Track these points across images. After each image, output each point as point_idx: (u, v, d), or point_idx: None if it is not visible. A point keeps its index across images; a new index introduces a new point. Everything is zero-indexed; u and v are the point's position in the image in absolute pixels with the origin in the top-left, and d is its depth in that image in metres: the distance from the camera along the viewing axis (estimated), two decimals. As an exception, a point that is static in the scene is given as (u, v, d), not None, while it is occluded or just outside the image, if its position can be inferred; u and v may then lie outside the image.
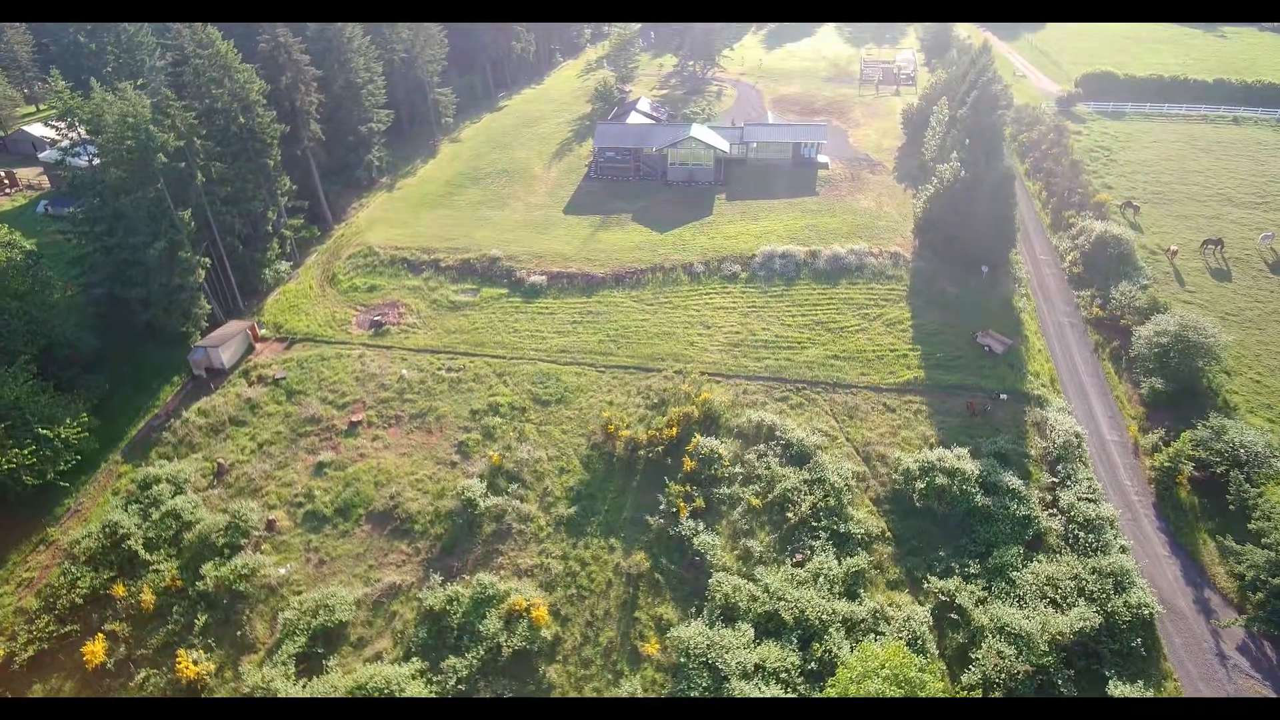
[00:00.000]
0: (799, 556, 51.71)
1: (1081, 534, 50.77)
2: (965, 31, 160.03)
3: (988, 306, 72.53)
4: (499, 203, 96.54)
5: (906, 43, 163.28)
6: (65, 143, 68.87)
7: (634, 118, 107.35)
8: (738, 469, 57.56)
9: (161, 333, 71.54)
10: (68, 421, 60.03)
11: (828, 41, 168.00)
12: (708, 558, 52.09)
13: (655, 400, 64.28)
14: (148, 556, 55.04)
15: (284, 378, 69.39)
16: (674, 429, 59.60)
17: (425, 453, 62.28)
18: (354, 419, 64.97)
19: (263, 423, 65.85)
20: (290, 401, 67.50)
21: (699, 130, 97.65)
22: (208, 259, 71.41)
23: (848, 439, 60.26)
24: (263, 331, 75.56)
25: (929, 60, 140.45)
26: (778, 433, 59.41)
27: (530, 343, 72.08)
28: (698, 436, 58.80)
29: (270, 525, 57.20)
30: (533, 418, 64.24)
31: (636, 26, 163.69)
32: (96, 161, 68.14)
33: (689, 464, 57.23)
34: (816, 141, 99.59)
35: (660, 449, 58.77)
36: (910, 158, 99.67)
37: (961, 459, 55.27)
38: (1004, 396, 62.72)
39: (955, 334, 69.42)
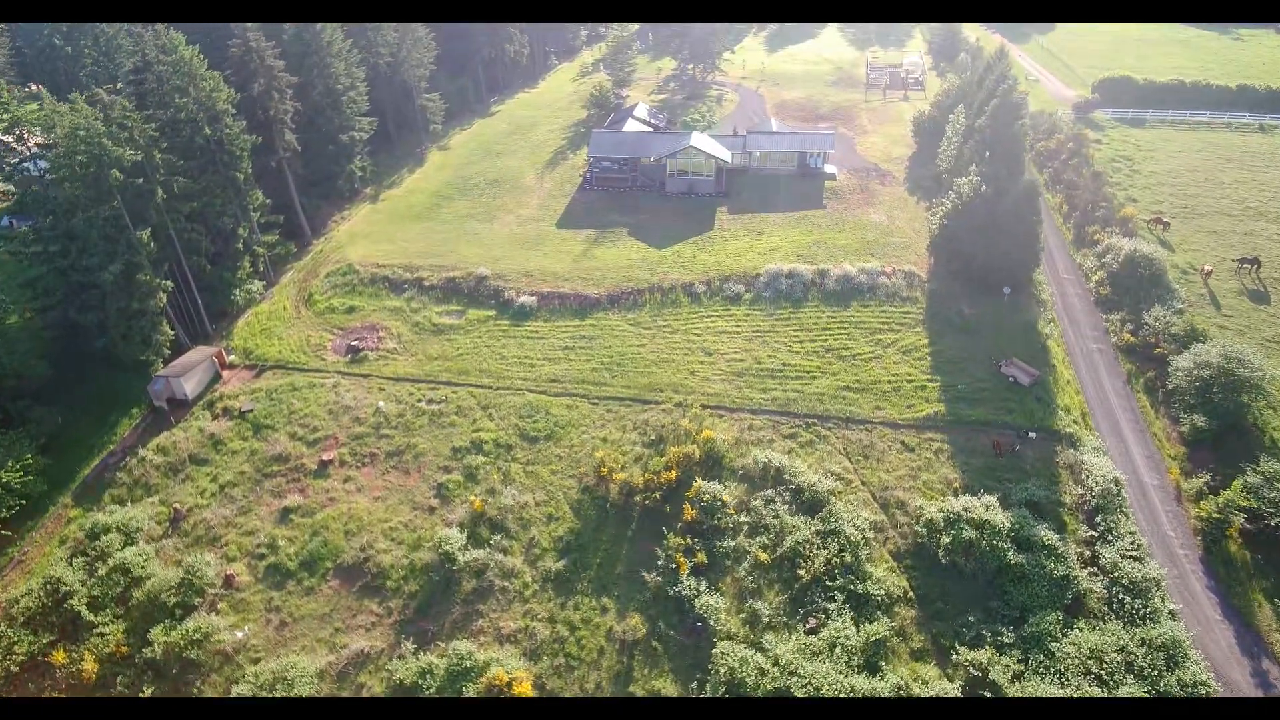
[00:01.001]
0: (812, 622, 46.52)
1: (1127, 598, 45.65)
2: (973, 34, 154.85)
3: (1011, 332, 67.36)
4: (488, 215, 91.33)
5: (913, 45, 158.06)
6: (16, 157, 63.70)
7: (631, 125, 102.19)
8: (743, 518, 52.35)
9: (120, 360, 66.36)
10: (10, 465, 54.84)
11: (831, 44, 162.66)
12: (711, 623, 46.91)
13: (653, 437, 59.11)
14: (92, 618, 49.81)
15: (251, 410, 64.17)
16: (673, 472, 54.42)
17: (401, 496, 57.06)
18: (325, 457, 59.74)
19: (226, 461, 60.62)
20: (257, 437, 62.26)
21: (699, 139, 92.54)
22: (169, 282, 66.08)
23: (863, 482, 55.08)
24: (231, 358, 70.35)
25: (937, 64, 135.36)
26: (786, 475, 54.26)
27: (518, 371, 66.88)
28: (699, 481, 53.61)
29: (228, 581, 51.97)
30: (519, 456, 59.05)
31: (634, 28, 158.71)
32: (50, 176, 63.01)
33: (689, 512, 52.04)
34: (823, 151, 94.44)
35: (658, 495, 53.59)
36: (922, 167, 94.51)
37: (990, 509, 50.12)
38: (1033, 435, 57.58)
39: (977, 362, 64.27)
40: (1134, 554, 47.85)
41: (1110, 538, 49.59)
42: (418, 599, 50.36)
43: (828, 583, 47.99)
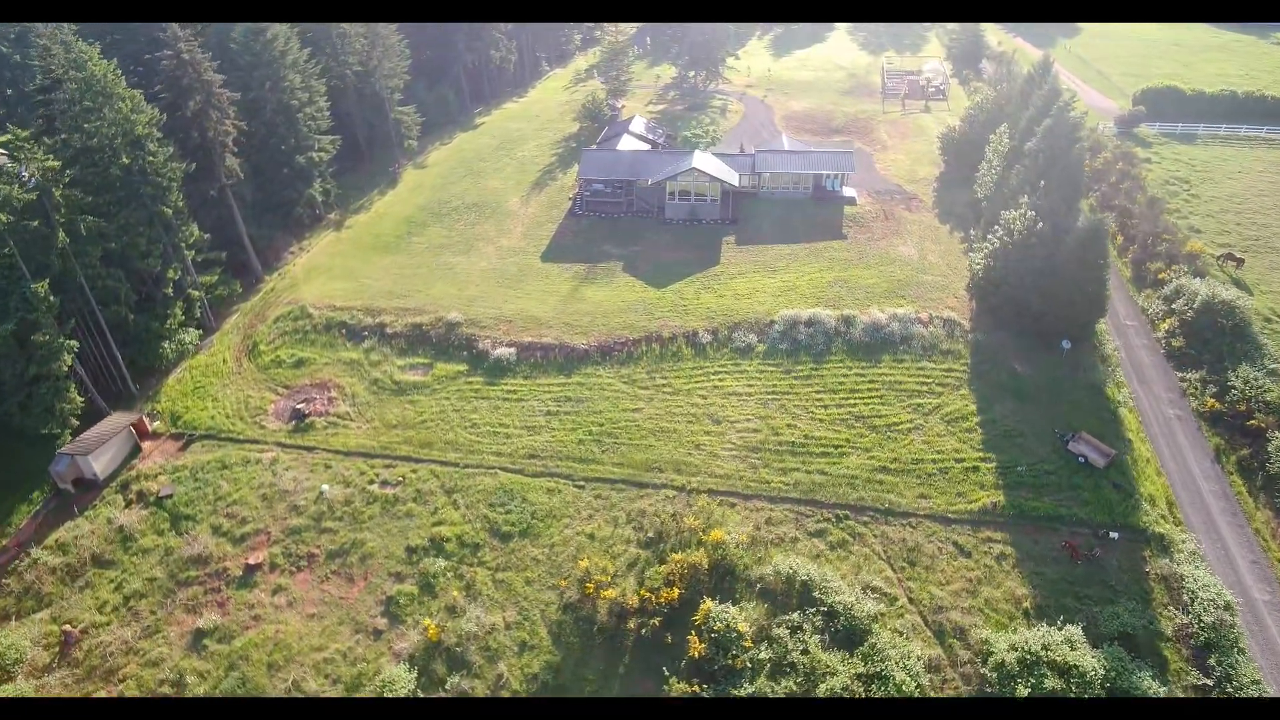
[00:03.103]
0: (856, 809, 36.17)
1: (1265, 781, 35.26)
2: (994, 37, 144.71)
3: (1073, 395, 57.02)
4: (465, 245, 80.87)
5: (929, 50, 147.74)
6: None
7: (626, 141, 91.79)
8: (764, 653, 41.89)
9: (20, 434, 55.96)
10: None
11: (842, 47, 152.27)
12: (725, 809, 36.59)
13: (650, 534, 48.74)
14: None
15: (170, 495, 53.74)
16: (675, 589, 44.01)
17: (342, 614, 46.60)
18: (252, 560, 49.27)
19: (135, 564, 50.17)
20: (174, 531, 51.83)
21: (702, 159, 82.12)
22: (75, 341, 55.58)
23: (911, 600, 44.68)
24: (155, 425, 59.94)
25: (959, 70, 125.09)
26: (816, 592, 43.86)
27: (491, 443, 56.45)
28: (707, 602, 43.12)
29: (118, 734, 41.51)
30: (488, 560, 48.62)
31: (631, 31, 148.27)
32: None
33: (696, 646, 41.59)
34: (842, 172, 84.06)
35: (657, 620, 43.17)
36: (952, 190, 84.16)
37: (1076, 646, 39.78)
38: (1114, 535, 47.19)
39: (1037, 435, 53.90)
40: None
41: (1226, 685, 39.23)
42: (353, 763, 39.93)
43: (874, 748, 37.61)
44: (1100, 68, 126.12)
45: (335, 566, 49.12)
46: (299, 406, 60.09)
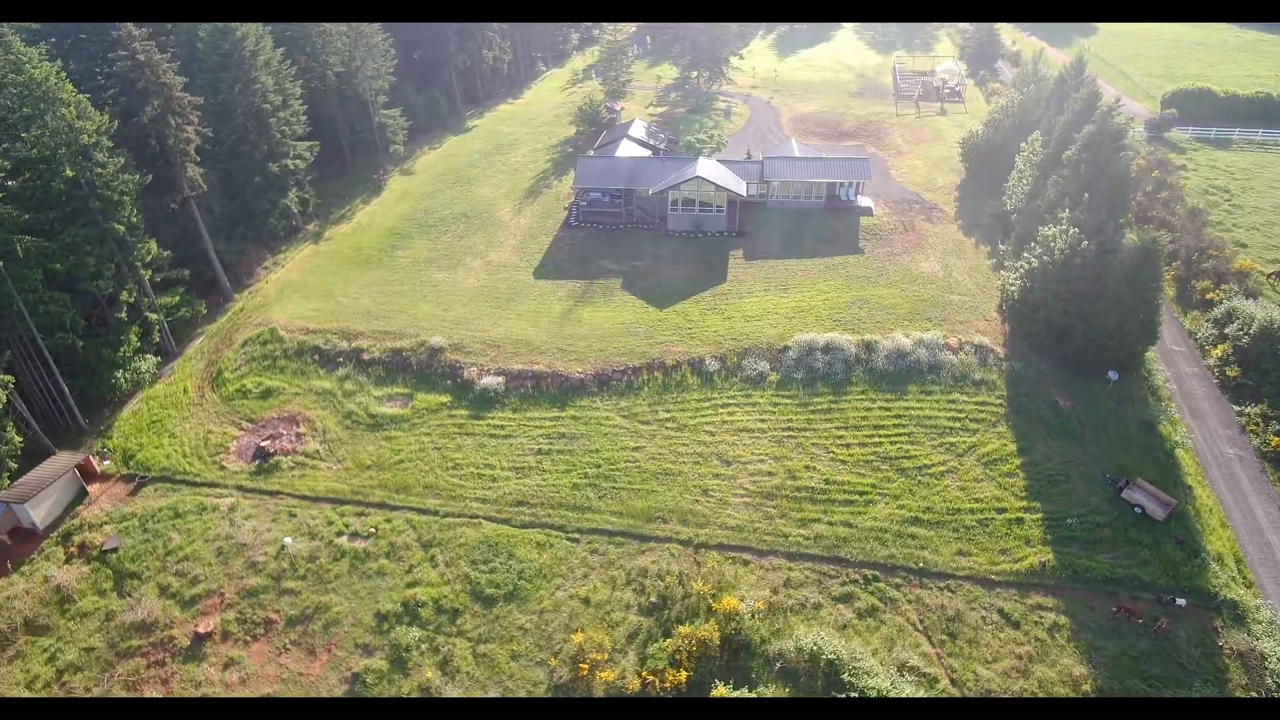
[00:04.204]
0: None
1: None
2: (1009, 36, 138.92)
3: (1123, 433, 51.28)
4: (452, 260, 75.06)
5: (941, 49, 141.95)
6: None
7: (625, 147, 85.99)
8: (785, 750, 36.16)
9: (-50, 477, 50.23)
10: None
11: (849, 47, 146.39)
12: None
13: (653, 598, 43.03)
14: None
15: (116, 549, 47.98)
16: (682, 671, 38.30)
17: (300, 694, 40.78)
18: (201, 629, 43.49)
19: (72, 631, 44.40)
20: (117, 591, 46.10)
21: (707, 167, 76.32)
22: (11, 377, 49.72)
23: (954, 681, 38.93)
24: (104, 465, 54.19)
25: (974, 71, 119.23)
26: (845, 674, 38.12)
27: (475, 487, 50.71)
28: (720, 686, 37.43)
29: (35, 846, 35.74)
30: (468, 629, 42.83)
31: (631, 30, 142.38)
32: None
33: (707, 741, 35.86)
34: (857, 180, 78.28)
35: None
36: (976, 199, 78.39)
37: (1151, 746, 33.98)
38: (1181, 602, 41.46)
39: (1085, 479, 48.19)
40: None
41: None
42: None
43: None
44: (1122, 68, 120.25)
45: (295, 635, 43.33)
46: (263, 444, 54.30)
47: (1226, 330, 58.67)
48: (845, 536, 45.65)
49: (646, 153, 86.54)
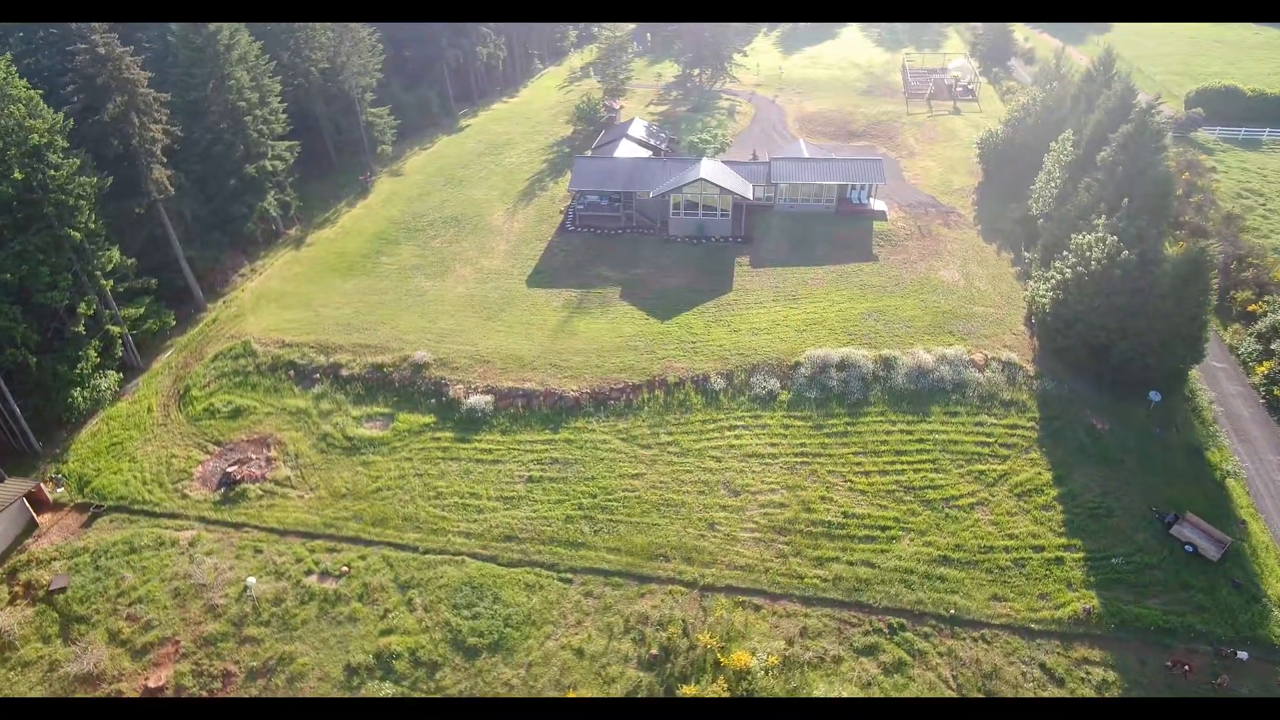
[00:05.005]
0: None
1: None
2: (1021, 34, 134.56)
3: (1167, 460, 46.98)
4: (440, 267, 70.68)
5: (951, 46, 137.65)
6: None
7: (624, 147, 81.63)
8: (805, 833, 31.85)
9: (-117, 507, 45.79)
10: None
11: (855, 44, 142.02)
12: None
13: (654, 650, 38.66)
14: None
15: (64, 588, 43.58)
16: (688, 739, 33.89)
17: (259, 761, 36.43)
18: (152, 683, 39.10)
19: (12, 682, 39.97)
20: (64, 638, 41.67)
21: (711, 169, 71.95)
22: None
23: (992, 751, 34.52)
24: (57, 493, 49.78)
25: (988, 69, 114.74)
26: (870, 742, 33.73)
27: (459, 519, 46.34)
28: (730, 759, 33.09)
29: None
30: (448, 684, 38.45)
31: (630, 26, 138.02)
32: None
33: (716, 823, 31.55)
34: (870, 183, 73.94)
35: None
36: (995, 203, 74.03)
37: (1226, 835, 29.67)
38: (1243, 656, 37.12)
39: (1129, 513, 43.86)
40: None
41: None
42: None
43: None
44: (1141, 66, 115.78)
45: (256, 690, 38.93)
46: (230, 470, 49.92)
47: (1273, 346, 54.31)
48: (867, 578, 41.29)
49: (647, 153, 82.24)
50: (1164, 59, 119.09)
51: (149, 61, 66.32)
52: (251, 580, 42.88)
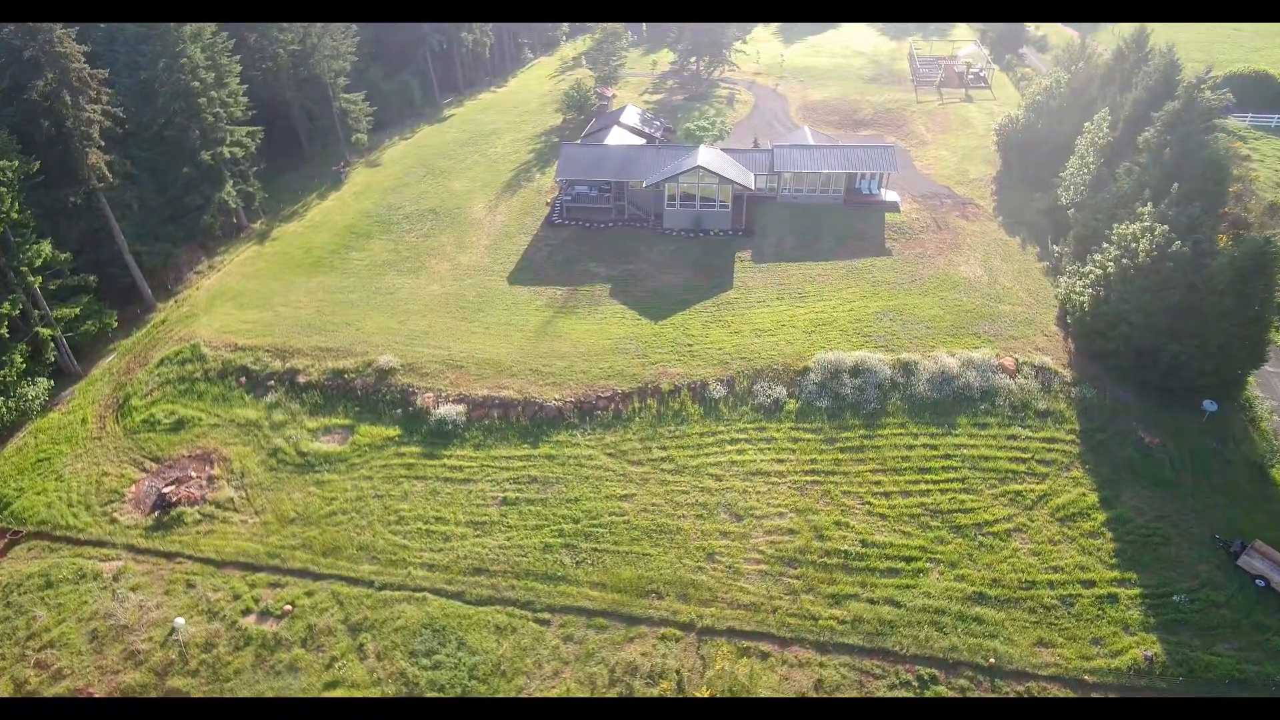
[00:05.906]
0: None
1: None
2: (1032, 24, 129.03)
3: (1228, 478, 41.44)
4: (414, 263, 64.99)
5: (958, 34, 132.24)
6: None
7: (616, 135, 75.98)
8: None
9: None
10: None
11: (858, 33, 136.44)
12: None
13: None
14: None
15: (-37, 630, 37.81)
16: (683, 824, 28.24)
17: (173, 846, 30.73)
18: (54, 747, 33.31)
19: (-113, 745, 34.18)
20: (-44, 690, 35.90)
21: (709, 157, 66.29)
22: None
23: (1047, 836, 28.91)
24: (-31, 516, 43.96)
25: (1000, 56, 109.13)
26: (901, 827, 28.10)
27: (422, 548, 40.64)
28: None
29: None
30: (402, 749, 32.72)
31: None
32: None
33: None
34: (881, 172, 68.35)
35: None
36: (1016, 193, 68.51)
37: None
38: (1341, 715, 31.47)
39: (1189, 540, 38.31)
40: None
41: None
42: None
43: None
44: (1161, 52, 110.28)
45: (176, 756, 33.19)
46: (166, 489, 44.17)
47: (1335, 348, 48.80)
48: (891, 619, 35.65)
49: (640, 141, 76.48)
50: (1183, 46, 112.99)
51: (97, 40, 60.86)
52: (180, 621, 37.08)
